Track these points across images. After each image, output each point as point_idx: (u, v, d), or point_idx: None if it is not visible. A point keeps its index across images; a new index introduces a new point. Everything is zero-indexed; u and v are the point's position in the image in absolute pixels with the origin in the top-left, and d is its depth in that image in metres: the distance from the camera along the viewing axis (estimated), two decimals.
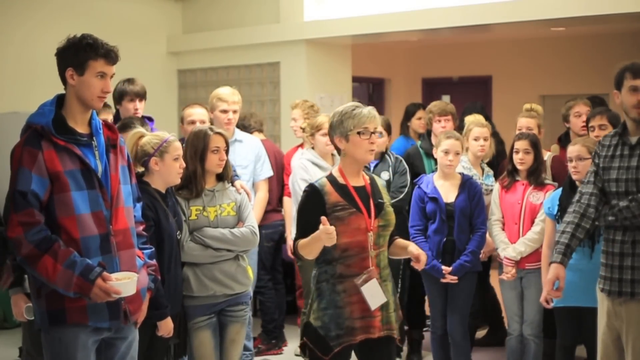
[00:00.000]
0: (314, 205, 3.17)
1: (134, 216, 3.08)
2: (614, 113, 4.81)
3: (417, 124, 6.17)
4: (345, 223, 3.15)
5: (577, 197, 3.48)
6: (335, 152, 4.79)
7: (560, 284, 3.41)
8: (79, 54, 2.87)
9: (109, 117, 4.66)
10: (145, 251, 3.14)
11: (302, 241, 3.19)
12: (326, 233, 3.03)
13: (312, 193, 3.20)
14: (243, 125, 5.81)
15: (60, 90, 3.03)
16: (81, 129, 2.92)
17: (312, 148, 4.95)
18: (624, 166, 3.28)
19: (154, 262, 3.19)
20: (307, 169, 4.76)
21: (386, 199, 3.32)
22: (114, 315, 2.89)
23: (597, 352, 3.51)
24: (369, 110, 3.22)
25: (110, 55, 2.90)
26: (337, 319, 3.16)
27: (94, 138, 2.93)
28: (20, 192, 2.76)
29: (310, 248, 3.15)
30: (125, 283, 2.83)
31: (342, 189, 3.21)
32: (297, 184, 4.77)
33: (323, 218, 3.06)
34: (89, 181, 2.86)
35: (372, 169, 4.99)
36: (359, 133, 3.16)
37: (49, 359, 2.90)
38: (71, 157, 2.84)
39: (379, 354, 3.28)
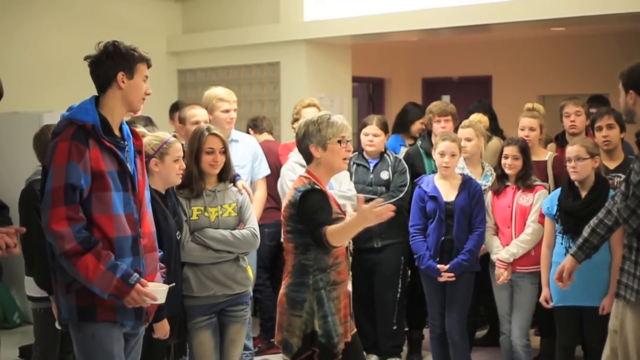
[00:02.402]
0: (326, 202, 3.19)
1: None
2: (620, 112, 4.81)
3: (418, 127, 6.10)
4: None
5: (614, 193, 3.47)
6: None
7: (564, 274, 3.44)
8: (128, 58, 2.95)
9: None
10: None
11: (334, 228, 3.06)
12: (376, 212, 2.93)
13: (323, 193, 3.20)
14: (255, 125, 5.85)
15: (60, 89, 3.04)
16: (116, 132, 2.99)
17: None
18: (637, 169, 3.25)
19: (163, 265, 3.26)
20: (295, 171, 4.75)
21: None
22: (138, 315, 2.99)
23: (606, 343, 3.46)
24: (343, 119, 3.30)
25: (148, 60, 3.03)
26: (335, 325, 3.21)
27: (126, 142, 3.01)
28: (72, 186, 2.79)
29: (346, 234, 3.10)
30: (161, 290, 2.94)
31: (329, 197, 3.27)
32: (285, 185, 4.75)
33: (360, 197, 3.13)
34: (124, 183, 2.93)
35: (371, 168, 5.00)
36: (339, 141, 3.23)
37: (84, 352, 2.93)
38: (112, 158, 2.91)
39: (355, 353, 3.35)
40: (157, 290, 2.93)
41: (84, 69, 3.00)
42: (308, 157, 3.26)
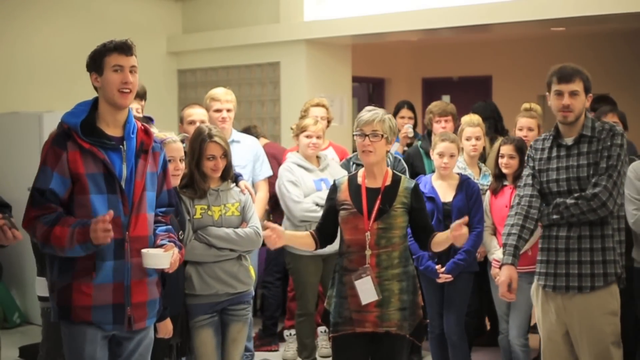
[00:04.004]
0: (329, 199, 3.51)
1: (161, 211, 3.11)
2: (622, 112, 4.82)
3: (399, 122, 6.03)
4: (344, 221, 3.42)
5: (516, 200, 3.56)
6: (320, 154, 4.83)
7: (513, 284, 3.46)
8: (95, 56, 2.94)
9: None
10: (160, 228, 3.10)
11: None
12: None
13: (332, 189, 3.53)
14: (250, 134, 5.86)
15: (60, 89, 3.06)
16: (112, 131, 2.96)
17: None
18: (562, 166, 3.38)
19: (166, 233, 3.11)
20: (293, 171, 4.75)
21: (400, 201, 3.41)
22: (117, 319, 2.93)
23: (542, 349, 3.55)
24: (371, 115, 3.39)
25: (121, 47, 2.93)
26: (339, 307, 3.39)
27: (124, 142, 2.96)
28: (38, 190, 2.84)
29: (294, 245, 3.62)
30: (162, 255, 2.90)
31: (355, 188, 3.44)
32: (283, 186, 4.75)
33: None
34: (110, 186, 2.89)
35: None
36: (355, 135, 3.41)
37: (65, 349, 2.99)
38: (95, 160, 2.88)
39: (379, 348, 3.42)
40: (158, 255, 2.89)
41: (84, 69, 3.00)
42: None
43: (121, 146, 2.95)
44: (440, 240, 3.44)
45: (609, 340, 3.30)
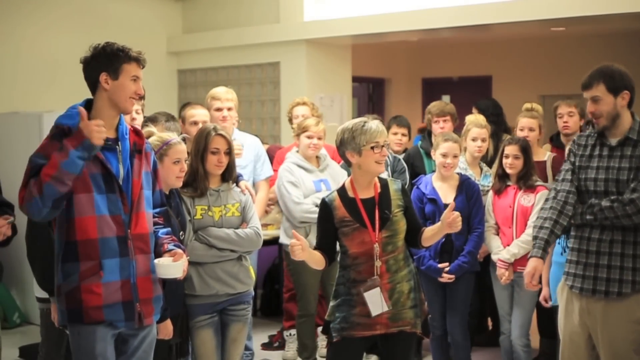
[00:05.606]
0: (325, 219, 3.41)
1: (155, 212, 3.15)
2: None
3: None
4: (350, 238, 3.36)
5: (552, 194, 3.50)
6: (320, 154, 4.82)
7: (536, 275, 3.47)
8: (112, 58, 2.95)
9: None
10: (161, 231, 3.16)
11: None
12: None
13: (323, 208, 3.42)
14: None
15: (60, 89, 3.04)
16: (108, 133, 2.97)
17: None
18: (603, 166, 3.32)
19: (169, 237, 3.19)
20: (293, 172, 4.74)
21: (396, 205, 3.40)
22: (128, 316, 2.98)
23: (561, 349, 3.52)
24: (377, 125, 3.38)
25: (140, 60, 3.01)
26: (346, 314, 3.37)
27: (119, 143, 3.00)
28: (32, 169, 2.84)
29: (309, 262, 3.38)
30: (166, 265, 2.98)
31: (350, 203, 3.39)
32: (283, 186, 4.74)
33: (294, 232, 3.31)
34: (109, 185, 2.93)
35: None
36: (372, 148, 3.32)
37: (73, 351, 3.01)
38: (94, 161, 2.91)
39: (392, 348, 3.43)
40: (171, 266, 2.97)
41: None
42: (347, 162, 3.44)
43: (116, 147, 2.99)
44: (431, 234, 3.44)
45: (631, 348, 3.25)
